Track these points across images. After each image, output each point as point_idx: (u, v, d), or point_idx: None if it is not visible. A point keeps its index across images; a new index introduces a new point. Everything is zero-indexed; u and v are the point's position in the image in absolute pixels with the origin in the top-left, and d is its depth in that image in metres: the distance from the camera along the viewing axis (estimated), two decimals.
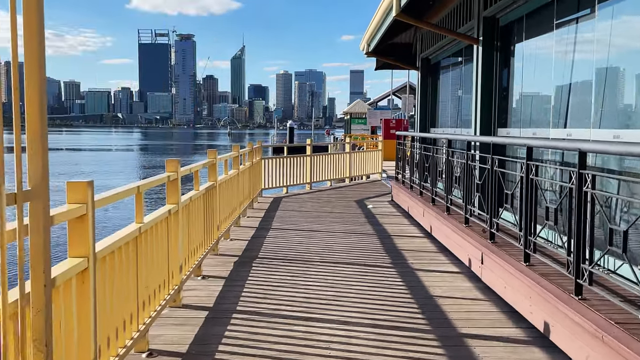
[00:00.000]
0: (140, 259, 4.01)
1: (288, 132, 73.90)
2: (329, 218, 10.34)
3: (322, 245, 7.89)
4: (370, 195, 13.94)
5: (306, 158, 15.15)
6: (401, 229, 9.20)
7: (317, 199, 13.30)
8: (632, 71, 4.97)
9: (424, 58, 11.81)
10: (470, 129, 8.83)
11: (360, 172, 17.56)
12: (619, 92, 5.16)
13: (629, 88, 4.98)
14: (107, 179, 36.73)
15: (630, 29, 4.94)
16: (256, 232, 8.86)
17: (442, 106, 11.31)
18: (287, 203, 12.46)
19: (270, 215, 10.57)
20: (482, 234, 6.15)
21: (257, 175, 12.54)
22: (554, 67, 6.13)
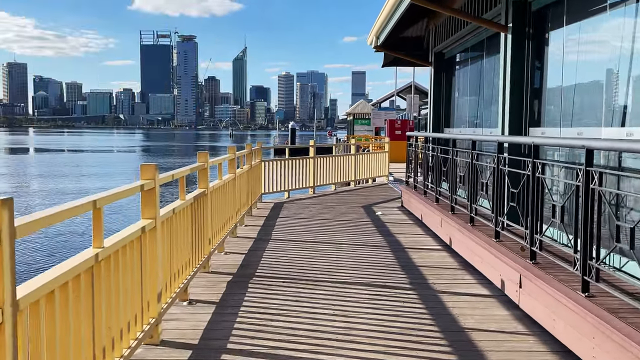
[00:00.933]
0: (98, 294, 3.09)
1: (290, 134, 73.07)
2: (334, 227, 9.41)
3: (329, 261, 6.95)
4: (377, 200, 13.00)
5: (309, 160, 14.21)
6: (415, 240, 8.26)
7: (321, 204, 12.37)
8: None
9: (437, 52, 10.88)
10: (494, 129, 7.90)
11: (366, 175, 16.62)
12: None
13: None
14: (108, 180, 35.85)
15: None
16: (254, 244, 7.93)
17: (458, 104, 10.38)
18: (289, 209, 11.53)
19: (271, 224, 9.64)
20: (520, 252, 5.21)
21: (257, 179, 11.61)
22: (609, 56, 5.20)
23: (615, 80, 5.07)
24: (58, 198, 28.38)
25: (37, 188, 32.76)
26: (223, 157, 7.40)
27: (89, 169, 47.20)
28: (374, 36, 11.12)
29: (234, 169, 8.25)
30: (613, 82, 5.11)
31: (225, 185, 7.48)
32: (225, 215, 7.52)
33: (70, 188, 32.27)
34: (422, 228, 9.20)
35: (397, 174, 19.32)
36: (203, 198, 6.04)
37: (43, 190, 31.72)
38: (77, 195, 28.67)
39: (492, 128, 8.11)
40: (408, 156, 11.48)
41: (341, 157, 15.55)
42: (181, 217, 5.07)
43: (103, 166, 50.44)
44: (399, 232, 8.86)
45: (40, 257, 16.02)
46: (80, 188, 32.21)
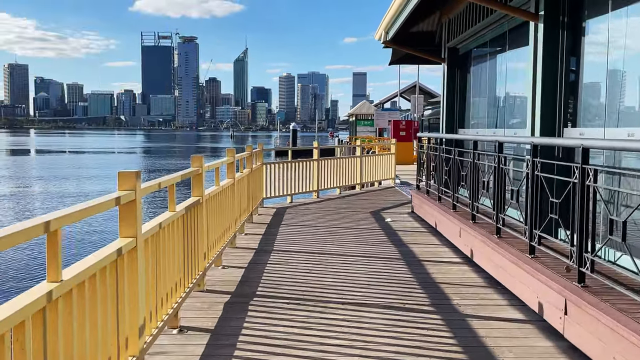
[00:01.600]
0: (53, 343, 2.39)
1: (291, 135, 72.41)
2: (342, 235, 8.70)
3: (338, 276, 6.24)
4: (386, 205, 12.29)
5: (313, 163, 13.50)
6: (431, 252, 7.55)
7: (325, 209, 11.66)
8: None
9: (451, 48, 10.16)
10: (519, 130, 7.19)
11: (372, 177, 15.90)
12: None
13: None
14: (109, 183, 35.17)
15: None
16: (255, 256, 7.22)
17: (474, 103, 9.66)
18: (292, 215, 10.82)
19: (273, 232, 8.93)
20: (565, 272, 4.49)
21: (258, 183, 10.91)
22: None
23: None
24: (57, 201, 27.73)
25: (38, 190, 32.05)
26: (220, 161, 6.70)
27: (89, 170, 46.49)
28: (382, 31, 10.41)
29: (233, 173, 7.55)
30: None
31: (223, 192, 6.77)
32: (223, 225, 6.81)
33: (71, 191, 31.56)
34: (437, 237, 8.49)
35: (403, 176, 18.63)
36: (197, 208, 5.34)
37: (43, 192, 31.02)
38: (76, 199, 28.02)
39: (516, 129, 7.40)
40: (419, 159, 10.76)
41: (346, 159, 14.84)
42: (170, 232, 4.37)
43: (104, 168, 49.72)
44: (413, 242, 8.15)
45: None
46: (81, 191, 31.51)
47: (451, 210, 8.01)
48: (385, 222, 9.93)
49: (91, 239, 17.62)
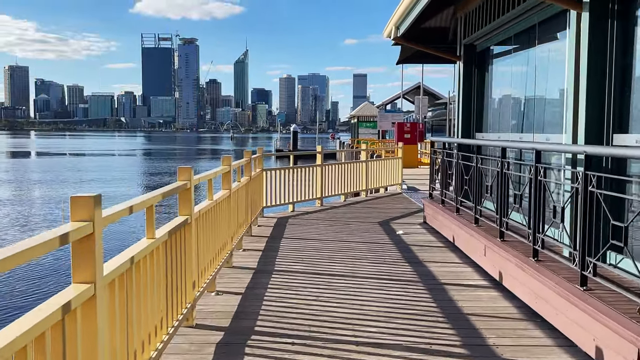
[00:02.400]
0: None
1: (292, 137, 71.66)
2: (350, 251, 7.86)
3: (349, 305, 5.39)
4: (395, 214, 11.45)
5: (316, 169, 12.67)
6: (453, 273, 6.70)
7: (331, 219, 10.82)
8: None
9: (467, 45, 9.33)
10: (554, 135, 6.35)
11: (378, 183, 15.06)
12: None
13: None
14: (109, 186, 34.37)
15: None
16: (254, 279, 6.38)
17: (495, 105, 8.83)
18: (295, 226, 9.98)
19: (274, 247, 8.10)
20: (637, 315, 3.66)
21: (258, 191, 10.09)
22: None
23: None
24: (54, 206, 26.93)
25: (37, 195, 31.19)
26: (213, 172, 5.85)
27: (90, 174, 45.60)
28: (392, 27, 9.58)
29: (229, 183, 6.72)
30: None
31: (217, 207, 5.94)
32: (217, 245, 5.98)
33: (72, 194, 30.72)
34: (456, 253, 7.65)
35: (409, 181, 17.82)
36: (185, 229, 4.51)
37: (42, 197, 30.18)
38: None
39: (548, 134, 6.56)
40: (432, 165, 9.93)
41: (351, 164, 14.01)
42: (148, 265, 3.54)
43: (104, 171, 48.86)
44: (430, 260, 7.31)
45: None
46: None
47: (473, 225, 7.18)
48: (396, 235, 9.09)
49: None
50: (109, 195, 30.32)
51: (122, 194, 30.85)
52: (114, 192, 32.00)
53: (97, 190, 31.34)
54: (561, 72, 5.94)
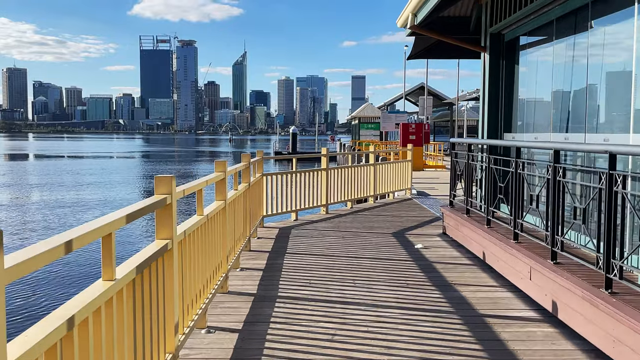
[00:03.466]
0: None
1: (291, 138, 70.57)
2: (364, 270, 6.78)
3: (373, 347, 4.29)
4: (408, 223, 10.37)
5: (321, 173, 11.59)
6: (491, 299, 5.61)
7: (338, 230, 9.74)
8: None
9: (494, 34, 8.27)
10: (617, 136, 5.28)
11: (387, 188, 13.99)
12: None
13: None
14: (108, 190, 33.26)
15: None
16: (254, 308, 5.29)
17: (528, 101, 7.75)
18: (299, 238, 8.91)
19: (276, 265, 7.01)
20: None
21: (257, 198, 9.02)
22: None
23: None
24: (49, 210, 25.86)
25: (36, 199, 30.03)
26: (203, 180, 4.76)
27: (88, 177, 44.37)
28: (409, 14, 8.49)
29: (223, 193, 5.64)
30: None
31: (209, 223, 4.87)
32: (208, 270, 4.89)
33: (69, 199, 29.59)
34: (489, 273, 6.57)
35: (416, 185, 16.77)
36: (164, 259, 3.44)
37: (40, 201, 29.04)
38: (73, 209, 26.07)
39: (607, 134, 5.49)
40: (453, 169, 8.85)
41: (358, 168, 12.93)
42: (104, 318, 2.46)
43: (103, 174, 47.62)
44: (460, 282, 6.22)
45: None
46: (79, 199, 29.53)
47: (512, 241, 6.10)
48: (414, 249, 8.02)
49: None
50: (108, 200, 29.19)
51: (122, 199, 29.75)
52: (114, 197, 30.86)
53: (97, 194, 30.10)
54: (626, 59, 4.88)
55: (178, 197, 3.71)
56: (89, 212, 24.93)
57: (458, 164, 8.63)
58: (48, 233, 20.12)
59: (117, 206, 27.77)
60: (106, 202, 28.39)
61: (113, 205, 27.30)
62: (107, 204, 27.90)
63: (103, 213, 24.65)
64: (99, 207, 26.37)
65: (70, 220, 22.82)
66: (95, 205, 27.08)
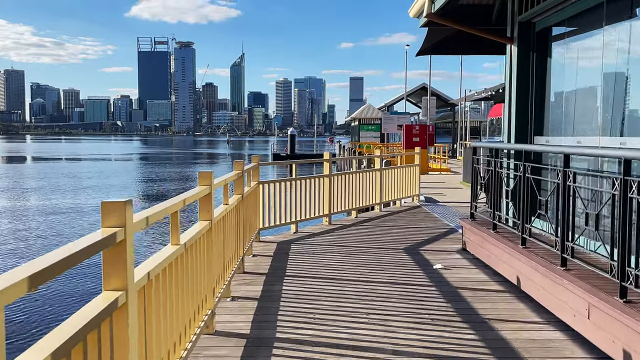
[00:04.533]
0: None
1: (289, 140, 69.50)
2: (378, 299, 5.72)
3: None
4: (421, 236, 9.32)
5: (323, 180, 10.55)
6: (539, 342, 4.54)
7: (344, 245, 8.69)
8: None
9: (523, 23, 7.23)
10: None
11: (394, 195, 12.95)
12: None
13: None
14: (106, 194, 32.12)
15: None
16: (246, 357, 4.23)
17: (565, 100, 6.70)
18: (300, 256, 7.85)
19: (273, 294, 5.95)
20: None
21: (252, 210, 7.98)
22: None
23: None
24: (42, 217, 24.82)
25: (30, 205, 28.89)
26: (179, 200, 3.67)
27: (86, 181, 43.16)
28: (426, 0, 7.45)
29: (209, 212, 4.59)
30: None
31: (188, 254, 3.81)
32: (184, 315, 3.83)
33: (64, 204, 28.47)
34: (529, 304, 5.51)
35: (423, 190, 15.74)
36: (109, 324, 2.39)
37: (34, 207, 27.93)
38: (68, 215, 24.96)
39: None
40: (474, 176, 7.80)
41: (364, 173, 11.88)
42: None
43: (101, 177, 46.40)
44: (495, 316, 5.16)
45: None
46: (76, 204, 28.39)
47: (558, 268, 5.05)
48: (433, 269, 6.97)
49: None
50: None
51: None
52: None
53: (96, 199, 28.87)
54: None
55: (137, 230, 2.67)
56: (84, 219, 23.85)
57: (480, 172, 7.58)
58: (38, 242, 19.10)
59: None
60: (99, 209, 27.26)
61: None
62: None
63: (98, 220, 23.66)
64: (95, 214, 25.29)
65: (64, 228, 21.73)
66: (92, 212, 25.98)
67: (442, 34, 9.54)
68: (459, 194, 16.25)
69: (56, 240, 19.21)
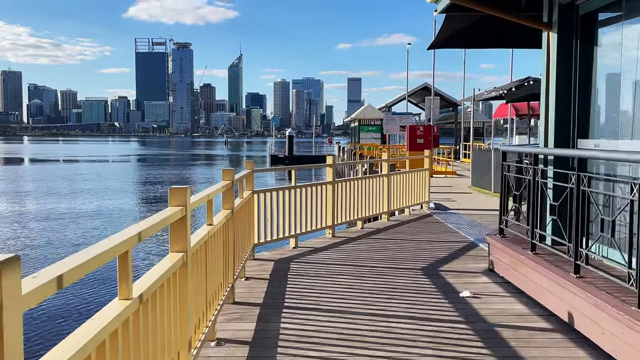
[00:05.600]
0: None
1: (287, 141, 68.38)
2: (400, 343, 4.58)
3: None
4: (438, 251, 8.20)
5: (326, 187, 9.41)
6: None
7: (351, 263, 7.56)
8: None
9: (564, 5, 6.11)
10: None
11: (403, 203, 11.83)
12: None
13: None
14: (103, 199, 30.89)
15: None
16: None
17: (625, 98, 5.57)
18: (300, 280, 6.71)
19: (268, 339, 4.80)
20: None
21: (245, 224, 6.86)
22: None
23: None
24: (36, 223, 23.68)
25: (25, 209, 27.69)
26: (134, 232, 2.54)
27: (83, 183, 41.83)
28: None
29: (184, 240, 3.46)
30: None
31: (146, 309, 2.68)
32: None
33: (60, 209, 27.27)
34: (590, 352, 4.38)
35: (431, 194, 14.62)
36: None
37: (29, 212, 26.74)
38: (62, 222, 23.79)
39: None
40: (504, 185, 6.68)
41: (370, 179, 10.75)
42: None
43: (98, 180, 45.02)
44: None
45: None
46: (72, 209, 27.17)
47: (634, 310, 3.93)
48: (460, 298, 5.85)
49: None
50: (102, 211, 26.81)
51: (116, 208, 27.44)
52: (108, 206, 28.51)
53: (93, 204, 27.55)
54: None
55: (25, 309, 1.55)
56: (79, 226, 22.63)
57: (511, 180, 6.46)
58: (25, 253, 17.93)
59: (108, 219, 25.59)
60: (98, 214, 26.04)
61: (104, 217, 25.12)
62: (100, 215, 25.57)
63: (93, 227, 22.40)
64: (90, 220, 24.11)
65: (53, 236, 20.55)
66: (88, 217, 24.79)
67: (462, 22, 8.42)
68: (470, 200, 15.14)
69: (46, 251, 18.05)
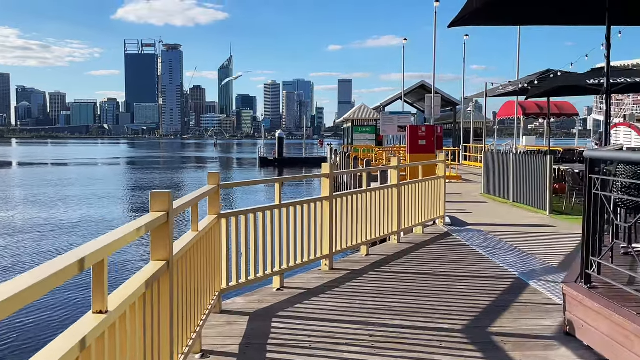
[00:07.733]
0: None
1: (277, 143, 66.11)
2: None
3: None
4: (475, 295, 5.94)
5: (323, 204, 7.13)
6: None
7: (357, 319, 5.27)
8: None
9: None
10: None
11: (414, 220, 9.57)
12: None
13: None
14: (91, 207, 28.42)
15: None
16: None
17: None
18: (286, 355, 4.43)
19: None
20: None
21: (207, 263, 4.58)
22: None
23: None
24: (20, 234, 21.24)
25: (6, 217, 25.30)
26: None
27: (70, 188, 39.24)
28: None
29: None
30: None
31: None
32: None
33: (42, 218, 24.81)
34: None
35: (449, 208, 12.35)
36: None
37: (24, 219, 24.35)
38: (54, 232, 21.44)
39: None
40: (590, 210, 4.44)
41: (377, 192, 8.47)
42: None
43: (86, 185, 42.45)
44: None
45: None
46: (52, 219, 24.69)
47: None
48: None
49: None
50: (91, 219, 24.37)
51: (103, 218, 24.97)
52: (94, 215, 26.05)
53: (78, 212, 24.84)
54: None
55: None
56: (61, 238, 20.22)
57: (609, 204, 4.22)
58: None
59: (96, 229, 23.14)
60: (83, 224, 23.63)
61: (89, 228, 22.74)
62: (84, 226, 23.13)
63: (84, 240, 19.91)
64: (74, 232, 21.70)
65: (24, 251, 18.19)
66: (72, 229, 22.37)
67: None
68: (488, 211, 12.94)
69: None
